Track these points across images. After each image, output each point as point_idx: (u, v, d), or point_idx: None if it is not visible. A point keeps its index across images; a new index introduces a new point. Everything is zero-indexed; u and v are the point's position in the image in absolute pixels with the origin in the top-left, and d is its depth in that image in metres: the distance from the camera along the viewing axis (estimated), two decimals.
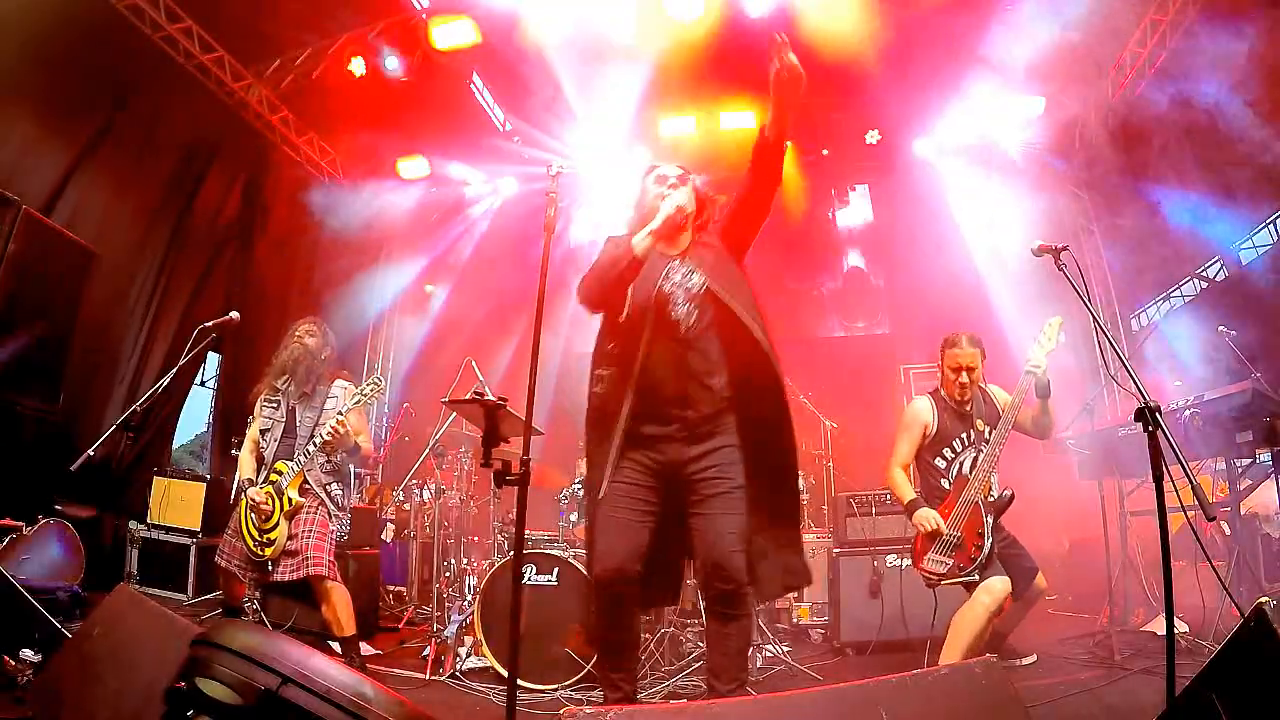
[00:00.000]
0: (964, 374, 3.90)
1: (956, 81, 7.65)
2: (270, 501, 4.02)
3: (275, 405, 4.25)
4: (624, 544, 2.69)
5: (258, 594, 5.07)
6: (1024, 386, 3.72)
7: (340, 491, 4.22)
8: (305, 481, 4.07)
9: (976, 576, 3.49)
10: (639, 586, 2.73)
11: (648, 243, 2.74)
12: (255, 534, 4.03)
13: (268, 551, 3.98)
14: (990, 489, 3.68)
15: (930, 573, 3.59)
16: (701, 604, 2.95)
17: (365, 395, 4.10)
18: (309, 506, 4.05)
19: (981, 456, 3.76)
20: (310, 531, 4.00)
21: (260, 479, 4.14)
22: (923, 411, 4.00)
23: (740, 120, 8.13)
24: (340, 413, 4.05)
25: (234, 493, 5.63)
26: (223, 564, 4.09)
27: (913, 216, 8.81)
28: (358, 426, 4.16)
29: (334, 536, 4.11)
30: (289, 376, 4.25)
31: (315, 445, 4.03)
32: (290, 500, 4.00)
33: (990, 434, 3.81)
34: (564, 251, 9.16)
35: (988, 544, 3.53)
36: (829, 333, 9.50)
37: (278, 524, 3.99)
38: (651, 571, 2.78)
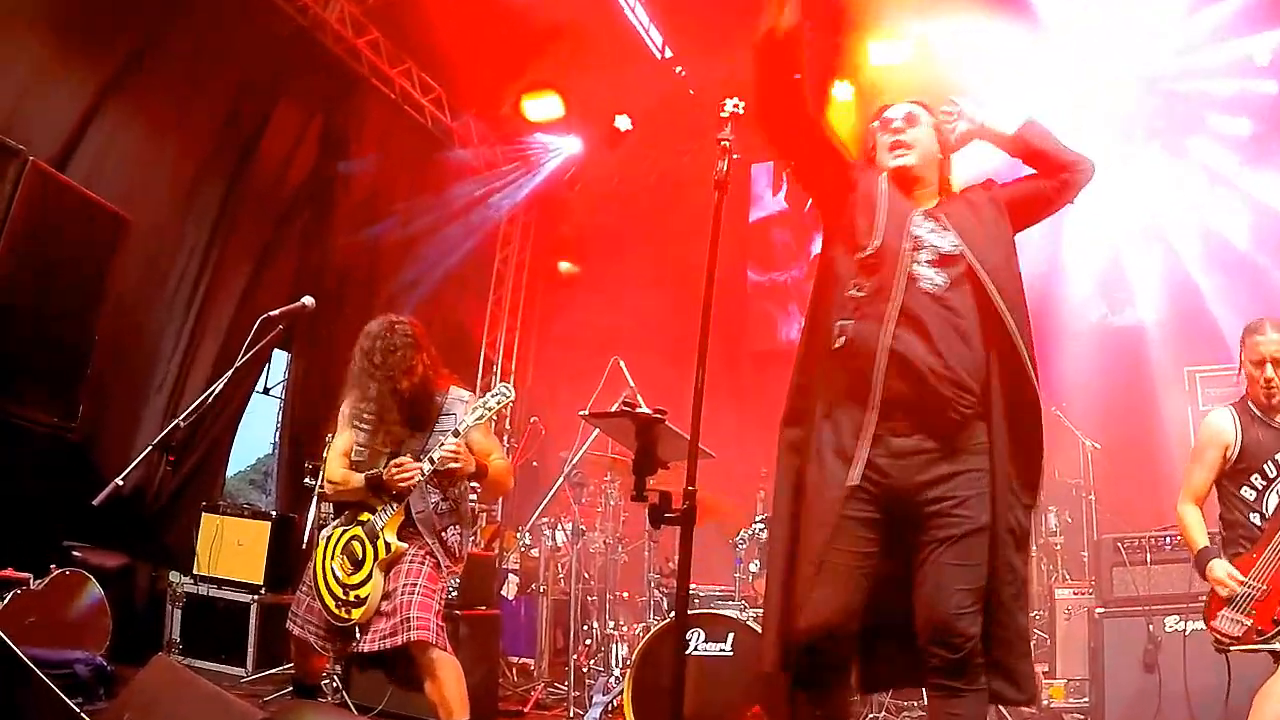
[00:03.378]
0: (1269, 367, 3.72)
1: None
2: (360, 549, 3.87)
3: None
4: (841, 595, 2.56)
5: (338, 667, 4.98)
6: None
7: (458, 537, 4.05)
8: (409, 523, 3.88)
9: None
10: (852, 654, 2.66)
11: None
12: (338, 590, 3.85)
13: (355, 614, 3.78)
14: None
15: (1222, 634, 3.53)
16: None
17: (489, 410, 3.91)
18: (413, 555, 3.86)
19: None
20: (412, 586, 3.80)
21: (339, 521, 4.01)
22: (1222, 429, 3.83)
23: (978, 45, 7.75)
24: (457, 431, 3.86)
25: (308, 533, 6.08)
26: (295, 631, 3.93)
27: None
28: (484, 445, 4.03)
29: (444, 593, 3.96)
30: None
31: (423, 475, 3.84)
32: (388, 546, 3.82)
33: None
34: (743, 218, 9.21)
35: None
36: (1086, 321, 9.19)
37: (369, 576, 3.81)
38: (872, 636, 2.67)
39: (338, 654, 4.11)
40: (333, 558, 3.94)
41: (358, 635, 3.86)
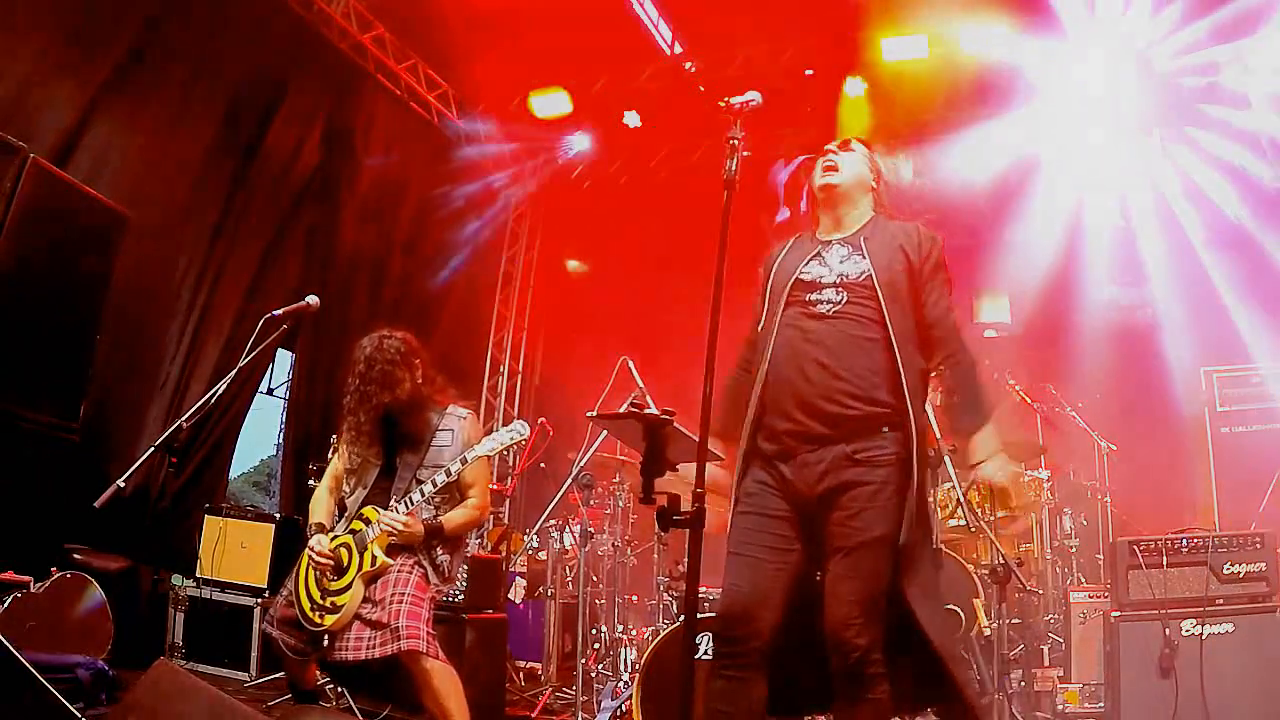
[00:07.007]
0: None
1: None
2: (347, 556, 3.85)
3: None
4: (750, 584, 2.78)
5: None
6: None
7: (447, 559, 4.05)
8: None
9: None
10: (764, 648, 2.74)
11: None
12: (315, 595, 3.86)
13: (327, 620, 3.77)
14: None
15: None
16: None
17: (500, 445, 3.97)
18: (401, 564, 3.87)
19: None
20: (401, 595, 3.80)
21: (338, 529, 4.00)
22: None
23: (989, 39, 7.62)
24: (464, 460, 3.92)
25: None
26: (270, 631, 3.97)
27: None
28: (467, 479, 4.05)
29: (433, 603, 3.95)
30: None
31: (422, 494, 3.91)
32: (374, 560, 3.82)
33: None
34: (770, 218, 9.04)
35: None
36: (1103, 321, 8.81)
37: (349, 586, 3.81)
38: (795, 649, 2.79)
39: (300, 654, 4.01)
40: (315, 568, 3.95)
41: (326, 641, 3.84)
